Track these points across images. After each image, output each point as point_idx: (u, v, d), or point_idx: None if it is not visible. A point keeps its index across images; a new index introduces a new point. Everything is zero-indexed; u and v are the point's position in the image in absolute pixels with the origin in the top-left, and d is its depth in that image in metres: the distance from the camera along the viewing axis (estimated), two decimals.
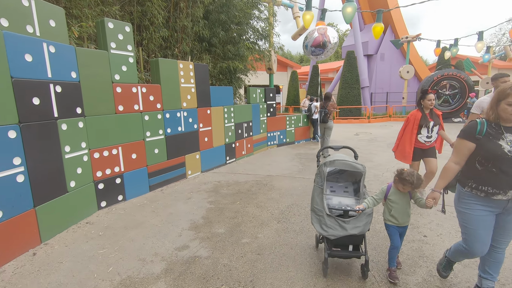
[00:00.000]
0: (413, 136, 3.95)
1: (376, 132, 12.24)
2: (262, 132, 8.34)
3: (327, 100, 7.60)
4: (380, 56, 21.92)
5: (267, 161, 7.13)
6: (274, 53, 9.43)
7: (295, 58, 47.21)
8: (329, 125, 7.60)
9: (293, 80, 21.71)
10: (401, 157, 4.17)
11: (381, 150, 8.30)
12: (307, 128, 10.16)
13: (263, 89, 8.32)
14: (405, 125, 4.05)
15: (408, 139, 3.99)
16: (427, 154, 4.11)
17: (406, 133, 4.02)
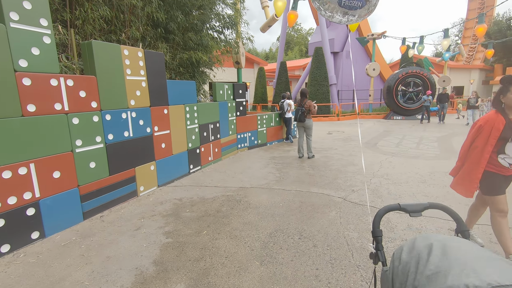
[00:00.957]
0: (487, 154, 2.47)
1: (348, 131, 11.85)
2: (231, 134, 7.33)
3: (303, 97, 6.82)
4: (346, 54, 21.98)
5: (238, 167, 6.15)
6: (243, 45, 8.45)
7: (261, 55, 46.62)
8: (308, 124, 6.83)
9: (260, 77, 20.91)
10: (462, 187, 2.66)
11: (360, 150, 7.75)
12: (280, 128, 9.35)
13: (231, 85, 7.30)
14: (474, 135, 2.58)
15: (478, 159, 2.52)
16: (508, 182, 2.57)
17: (476, 149, 2.54)
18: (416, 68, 15.85)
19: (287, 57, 46.96)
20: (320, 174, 5.51)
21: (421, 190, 4.52)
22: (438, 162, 6.36)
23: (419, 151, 7.62)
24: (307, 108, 6.75)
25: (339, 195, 4.36)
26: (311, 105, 6.77)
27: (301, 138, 7.04)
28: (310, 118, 6.86)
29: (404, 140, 9.29)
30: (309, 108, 6.77)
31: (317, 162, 6.51)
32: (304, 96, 6.82)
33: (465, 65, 29.09)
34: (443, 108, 14.31)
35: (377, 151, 7.63)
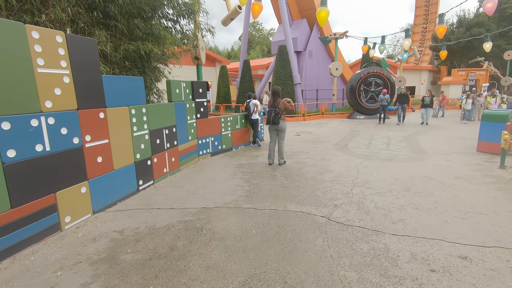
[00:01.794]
0: None
1: (316, 132, 11.46)
2: (191, 140, 6.34)
3: (276, 96, 6.08)
4: (308, 53, 21.92)
5: (200, 180, 5.20)
6: (202, 37, 7.47)
7: (223, 53, 45.47)
8: (281, 127, 6.11)
9: (222, 76, 19.92)
10: None
11: (332, 153, 7.25)
12: (246, 131, 8.53)
13: (190, 83, 6.31)
14: None
15: None
16: None
17: None
18: (377, 68, 16.14)
19: (249, 56, 46.39)
20: (295, 185, 4.81)
21: (408, 201, 4.02)
22: (413, 164, 6.05)
23: (390, 152, 7.34)
24: (281, 108, 6.03)
25: (322, 212, 3.67)
26: (286, 104, 6.06)
27: (273, 143, 6.30)
28: (285, 120, 6.15)
29: (373, 141, 9.06)
30: (284, 109, 6.05)
31: (290, 170, 5.81)
32: (277, 95, 6.09)
33: (416, 66, 31.05)
34: (403, 109, 13.93)
35: (349, 154, 7.19)
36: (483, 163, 6.07)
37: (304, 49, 21.92)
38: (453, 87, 27.04)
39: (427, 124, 12.76)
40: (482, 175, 5.21)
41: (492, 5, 9.07)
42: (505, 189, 4.40)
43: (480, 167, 5.78)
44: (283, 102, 6.05)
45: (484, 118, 7.12)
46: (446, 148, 7.69)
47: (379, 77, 16.09)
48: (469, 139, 8.98)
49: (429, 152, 7.25)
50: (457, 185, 4.66)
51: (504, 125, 6.79)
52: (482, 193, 4.26)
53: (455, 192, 4.31)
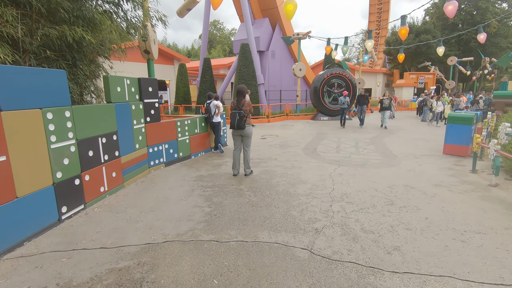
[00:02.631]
0: None
1: (282, 134, 10.88)
2: (138, 148, 5.25)
3: (241, 96, 5.27)
4: (271, 53, 21.50)
5: (148, 200, 4.18)
6: (152, 28, 6.36)
7: (182, 52, 43.48)
8: (247, 132, 5.30)
9: (181, 74, 18.56)
10: None
11: (302, 160, 6.64)
12: (207, 135, 7.59)
13: (136, 80, 5.23)
14: None
15: None
16: None
17: None
18: (339, 70, 16.18)
19: (210, 55, 45.00)
20: (266, 202, 4.04)
21: (396, 218, 3.48)
22: (388, 171, 5.66)
23: (361, 156, 6.96)
24: (247, 110, 5.22)
25: (302, 243, 2.93)
26: (251, 106, 5.29)
27: (237, 150, 5.46)
28: (250, 124, 5.36)
29: (341, 144, 8.69)
30: (250, 111, 5.26)
31: (258, 181, 5.04)
32: (242, 95, 5.27)
33: (372, 69, 32.52)
34: (362, 110, 12.95)
35: (320, 160, 6.64)
36: (454, 167, 5.90)
37: (267, 49, 21.45)
38: (406, 89, 28.73)
39: (386, 128, 12.11)
40: (459, 181, 4.95)
41: (453, 7, 9.31)
42: (489, 198, 4.10)
43: (453, 171, 5.57)
44: (249, 103, 5.26)
45: (450, 120, 7.07)
46: (413, 151, 7.55)
47: (342, 79, 16.16)
48: (431, 141, 9.05)
49: (399, 156, 7.01)
50: (439, 195, 4.28)
51: (470, 128, 6.78)
52: (468, 204, 3.90)
53: (441, 204, 3.89)
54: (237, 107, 5.23)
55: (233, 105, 5.32)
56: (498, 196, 4.19)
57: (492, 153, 4.72)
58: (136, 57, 22.72)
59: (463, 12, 31.44)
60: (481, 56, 28.98)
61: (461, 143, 6.91)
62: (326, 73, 16.01)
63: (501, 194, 4.27)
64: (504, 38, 32.15)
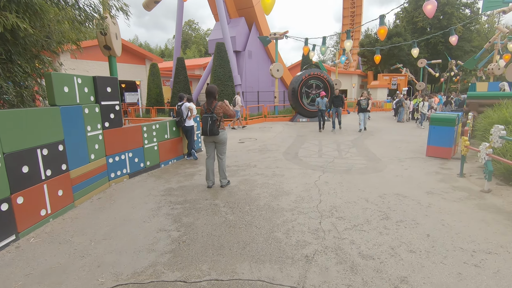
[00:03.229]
0: None
1: (261, 138, 10.35)
2: (94, 159, 4.46)
3: (212, 98, 4.64)
4: (248, 54, 20.97)
5: (102, 225, 3.44)
6: (111, 19, 5.55)
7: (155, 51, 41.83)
8: (221, 138, 4.68)
9: (153, 74, 17.51)
10: None
11: (284, 166, 6.13)
12: (178, 141, 6.87)
13: (90, 79, 4.45)
14: None
15: None
16: None
17: None
18: (317, 70, 15.98)
19: (185, 56, 43.70)
20: (245, 221, 3.45)
21: (395, 237, 3.03)
22: (375, 177, 5.29)
23: (345, 161, 6.58)
24: (220, 114, 4.61)
25: (291, 278, 2.38)
26: (225, 108, 4.67)
27: (211, 159, 4.83)
28: (224, 129, 4.75)
29: (323, 147, 8.31)
30: (223, 114, 4.65)
31: (236, 194, 4.44)
32: (212, 97, 4.64)
33: (347, 71, 33.04)
34: (338, 112, 11.77)
35: (303, 165, 6.17)
36: (440, 171, 5.66)
37: (243, 49, 20.90)
38: (380, 90, 29.41)
39: (365, 130, 11.57)
40: (450, 187, 4.65)
41: (432, 7, 9.28)
42: (486, 207, 3.79)
43: (441, 176, 5.30)
44: (222, 106, 4.65)
45: (432, 122, 6.89)
46: (397, 154, 7.30)
47: (320, 80, 15.97)
48: (412, 142, 8.93)
49: (383, 159, 6.71)
50: (434, 204, 3.92)
51: (452, 129, 6.62)
52: (467, 215, 3.55)
53: (439, 217, 3.51)
54: (208, 110, 4.60)
55: (204, 108, 4.69)
56: (494, 204, 3.90)
57: (483, 156, 4.47)
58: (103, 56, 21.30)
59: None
60: (448, 59, 30.39)
61: (444, 145, 6.74)
62: (304, 74, 15.74)
63: (497, 201, 3.99)
64: (467, 42, 33.98)
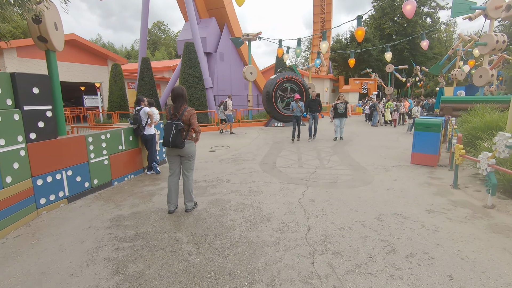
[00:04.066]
0: None
1: (235, 145, 9.48)
2: (12, 182, 3.35)
3: (179, 101, 3.73)
4: (219, 55, 20.08)
5: (6, 282, 2.38)
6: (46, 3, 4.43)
7: (120, 52, 39.44)
8: (187, 152, 3.77)
9: (115, 76, 15.98)
10: None
11: (261, 179, 5.33)
12: (136, 152, 5.81)
13: (7, 76, 3.35)
14: None
15: None
16: None
17: None
18: (291, 73, 15.49)
19: (154, 58, 41.67)
20: (215, 267, 2.57)
21: (413, 283, 2.33)
22: (364, 191, 4.66)
23: (328, 171, 5.93)
24: (186, 121, 3.70)
25: None
26: (194, 115, 3.78)
27: (174, 177, 3.89)
28: (192, 141, 3.84)
29: (302, 155, 7.64)
30: (190, 122, 3.75)
31: (205, 223, 3.54)
32: (183, 100, 3.74)
33: (319, 75, 33.28)
34: (314, 119, 9.95)
35: (283, 179, 5.41)
36: (431, 181, 5.18)
37: (215, 50, 19.98)
38: (352, 94, 29.85)
39: (342, 139, 10.09)
40: (449, 203, 4.12)
41: (411, 7, 9.08)
42: (501, 230, 3.25)
43: (434, 188, 4.80)
44: (190, 111, 3.76)
45: (417, 127, 6.47)
46: (381, 161, 6.81)
47: (294, 83, 15.48)
48: (393, 148, 8.56)
49: (368, 168, 6.16)
50: (441, 227, 3.32)
51: (438, 135, 6.24)
52: (485, 243, 2.97)
53: (454, 247, 2.89)
54: (174, 116, 3.68)
55: (169, 113, 3.77)
56: (507, 224, 3.38)
57: (484, 167, 3.98)
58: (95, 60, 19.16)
59: (396, 24, 34.17)
60: (413, 65, 31.70)
61: (430, 151, 6.35)
62: (278, 77, 15.16)
63: (508, 220, 3.48)
64: (430, 49, 35.79)
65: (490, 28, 12.20)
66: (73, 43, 17.75)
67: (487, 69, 11.84)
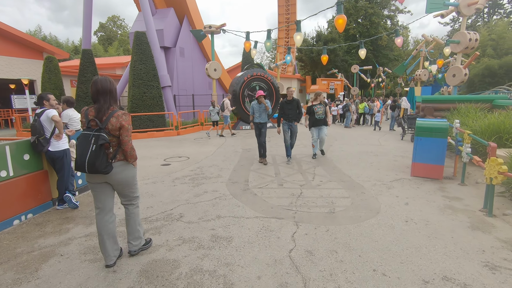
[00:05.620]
0: None
1: (195, 155, 7.72)
2: None
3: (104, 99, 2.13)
4: (179, 51, 18.00)
5: None
6: None
7: (66, 47, 35.04)
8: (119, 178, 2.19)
9: (50, 71, 13.21)
10: None
11: (230, 212, 3.71)
12: (37, 178, 3.84)
13: None
14: None
15: None
16: None
17: None
18: (260, 71, 14.05)
19: (107, 54, 37.73)
20: None
21: None
22: (378, 227, 3.28)
23: (318, 192, 4.50)
24: (114, 131, 2.07)
25: None
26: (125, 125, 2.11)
27: (105, 215, 2.44)
28: (126, 161, 2.20)
29: (279, 167, 6.16)
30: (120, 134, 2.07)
31: None
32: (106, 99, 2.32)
33: (286, 74, 32.41)
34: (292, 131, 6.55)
35: (260, 208, 3.85)
36: (453, 205, 3.97)
37: (174, 45, 17.88)
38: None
39: (323, 155, 7.30)
40: (501, 244, 2.87)
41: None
42: None
43: (463, 217, 3.56)
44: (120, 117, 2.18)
45: (419, 132, 5.31)
46: (376, 174, 5.57)
47: (263, 81, 14.06)
48: (380, 154, 7.44)
49: (364, 185, 4.86)
50: None
51: (444, 141, 5.12)
52: None
53: None
54: (92, 123, 2.21)
55: (86, 118, 2.28)
56: None
57: None
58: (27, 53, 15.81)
59: (360, 25, 34.58)
60: (376, 66, 32.23)
61: (434, 161, 5.21)
62: (245, 75, 13.62)
63: None
64: (390, 51, 36.88)
65: (462, 26, 11.86)
66: None
67: (460, 68, 11.42)
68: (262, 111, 6.45)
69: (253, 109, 6.48)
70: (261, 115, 6.46)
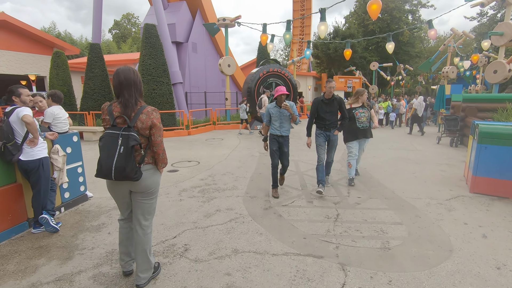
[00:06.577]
0: None
1: (207, 159, 6.86)
2: None
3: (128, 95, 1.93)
4: (192, 46, 17.24)
5: None
6: None
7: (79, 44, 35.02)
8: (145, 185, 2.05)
9: (58, 67, 12.67)
10: None
11: (253, 247, 2.81)
12: (8, 194, 3.05)
13: None
14: None
15: None
16: None
17: None
18: (277, 66, 13.09)
19: (120, 50, 37.59)
20: None
21: None
22: (460, 277, 2.31)
23: (360, 213, 3.53)
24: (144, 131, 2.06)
25: None
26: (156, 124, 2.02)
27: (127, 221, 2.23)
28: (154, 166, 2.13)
29: (305, 177, 5.21)
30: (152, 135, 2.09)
31: None
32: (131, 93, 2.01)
33: (302, 72, 31.23)
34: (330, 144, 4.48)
35: (290, 240, 2.94)
36: None
37: (186, 40, 17.12)
38: (337, 93, 28.06)
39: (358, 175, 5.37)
40: None
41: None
42: None
43: None
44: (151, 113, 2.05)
45: (483, 139, 4.25)
46: (423, 188, 4.54)
47: (280, 78, 13.10)
48: (421, 162, 6.34)
49: (416, 205, 3.86)
50: None
51: None
52: None
53: None
54: (119, 120, 1.98)
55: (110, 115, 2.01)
56: None
57: None
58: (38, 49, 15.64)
59: (380, 20, 32.93)
60: (396, 63, 30.57)
61: (505, 176, 4.14)
62: (261, 71, 12.69)
63: None
64: (412, 47, 35.01)
65: (506, 16, 10.52)
66: (4, 25, 14.17)
67: (503, 63, 10.08)
68: (284, 119, 4.08)
69: (270, 114, 4.12)
70: (282, 125, 4.10)
